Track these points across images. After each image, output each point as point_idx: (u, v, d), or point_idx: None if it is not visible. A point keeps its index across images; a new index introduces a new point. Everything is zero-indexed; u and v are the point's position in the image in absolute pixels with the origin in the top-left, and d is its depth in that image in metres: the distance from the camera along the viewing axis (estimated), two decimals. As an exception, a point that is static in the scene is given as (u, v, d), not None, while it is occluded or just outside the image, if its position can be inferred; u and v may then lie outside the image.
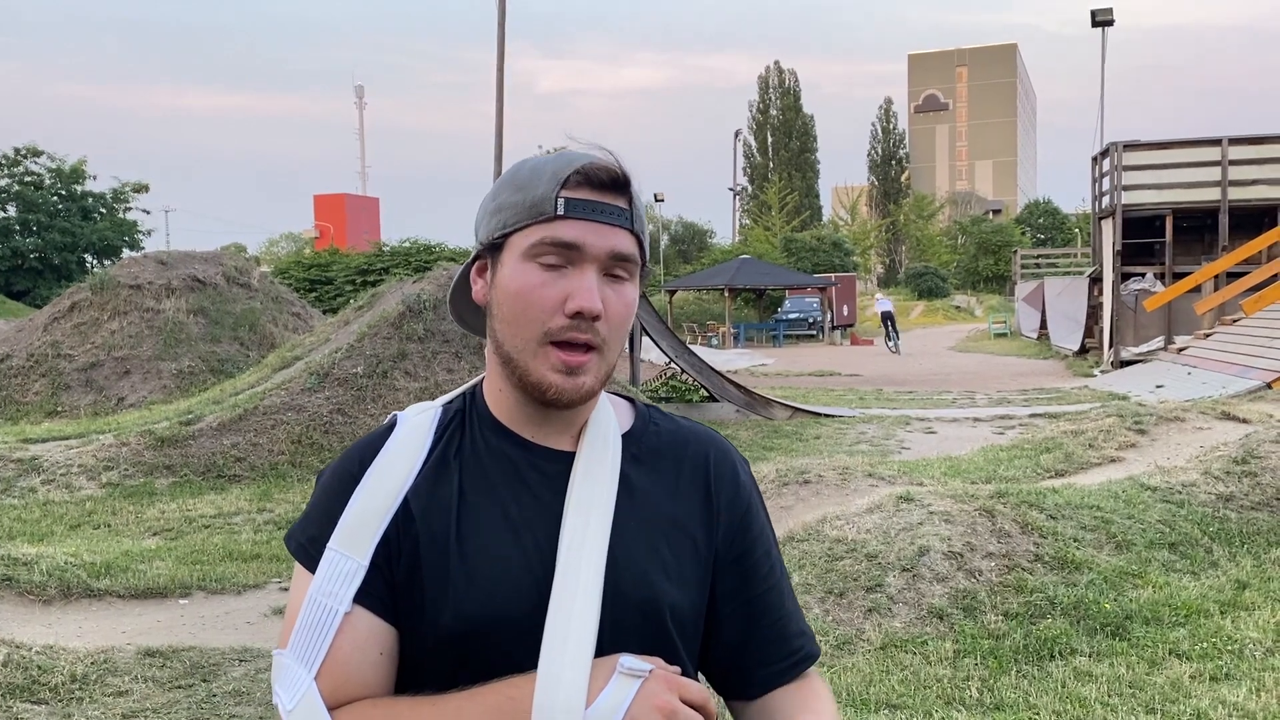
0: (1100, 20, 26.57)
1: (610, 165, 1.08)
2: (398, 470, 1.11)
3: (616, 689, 1.00)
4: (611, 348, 1.09)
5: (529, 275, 1.07)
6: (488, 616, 1.05)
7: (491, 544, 1.07)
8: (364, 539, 1.07)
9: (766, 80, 79.85)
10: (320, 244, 43.94)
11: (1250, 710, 3.77)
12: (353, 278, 32.50)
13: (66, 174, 33.22)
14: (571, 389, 1.07)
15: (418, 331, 10.44)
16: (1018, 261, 42.58)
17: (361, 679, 1.06)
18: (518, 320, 1.08)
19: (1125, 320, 20.34)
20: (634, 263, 1.10)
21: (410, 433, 1.14)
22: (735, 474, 1.20)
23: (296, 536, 1.14)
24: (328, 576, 1.07)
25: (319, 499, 1.14)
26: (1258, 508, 6.12)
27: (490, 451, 1.12)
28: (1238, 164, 20.37)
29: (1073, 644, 4.42)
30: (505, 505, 1.10)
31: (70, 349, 14.42)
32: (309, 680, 1.05)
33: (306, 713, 1.04)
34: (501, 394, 1.14)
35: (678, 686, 1.01)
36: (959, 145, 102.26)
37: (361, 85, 69.64)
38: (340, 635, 1.05)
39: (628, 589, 1.07)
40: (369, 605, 1.06)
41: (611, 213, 1.08)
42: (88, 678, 4.27)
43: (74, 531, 7.24)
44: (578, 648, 1.02)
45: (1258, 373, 13.29)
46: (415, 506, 1.09)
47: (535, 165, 1.10)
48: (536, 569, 1.06)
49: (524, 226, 1.07)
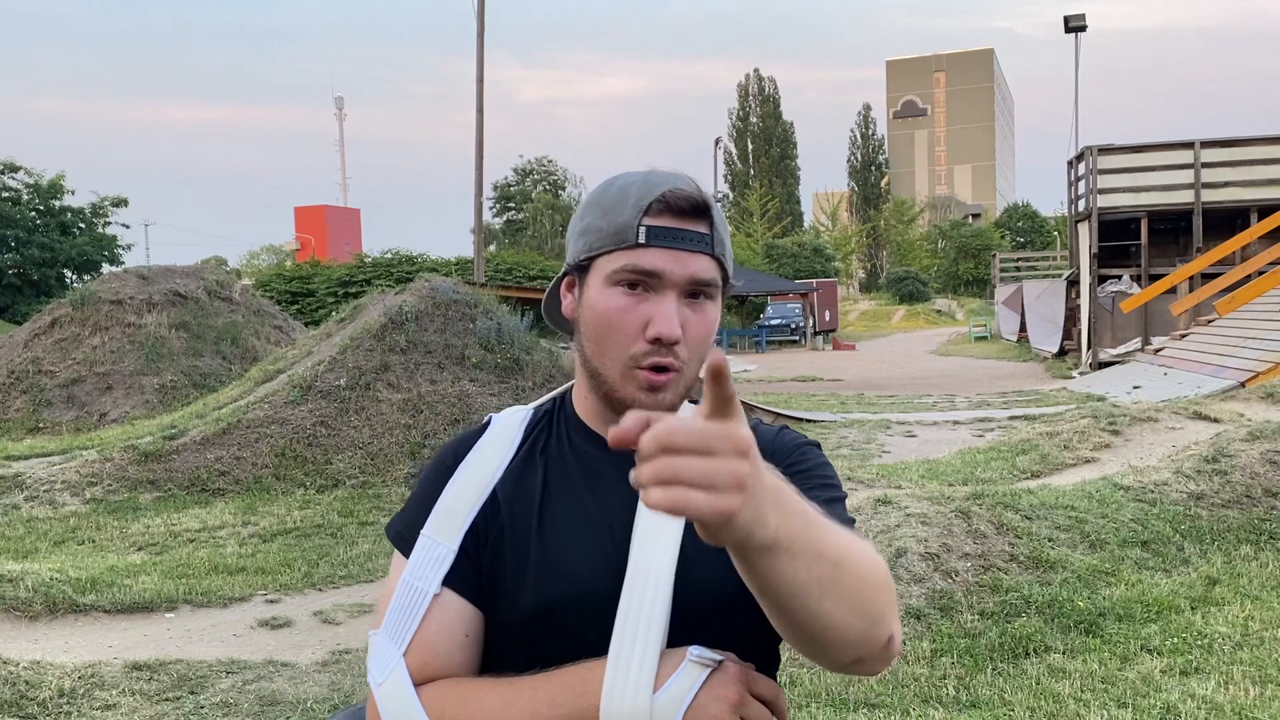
0: (1073, 26, 26.88)
1: (691, 193, 1.13)
2: (488, 464, 1.19)
3: (684, 677, 1.03)
4: (691, 366, 1.14)
5: (612, 299, 1.13)
6: (564, 599, 1.11)
7: (570, 533, 1.14)
8: (454, 526, 1.15)
9: (746, 88, 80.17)
10: (301, 256, 43.87)
11: (1219, 703, 3.87)
12: (334, 289, 32.45)
13: (44, 189, 33.06)
14: (652, 405, 1.12)
15: (400, 343, 10.47)
16: (997, 265, 42.87)
17: (447, 658, 1.12)
18: (603, 342, 1.14)
19: (1103, 322, 20.55)
20: (714, 285, 1.15)
21: (501, 430, 1.23)
22: (795, 446, 1.23)
23: (395, 525, 1.21)
24: (420, 560, 1.14)
25: (417, 490, 1.22)
26: (1228, 505, 6.23)
27: (574, 450, 1.20)
28: (1210, 166, 20.64)
29: (1047, 641, 4.51)
30: (584, 499, 1.16)
31: (51, 365, 14.37)
32: (398, 656, 1.11)
33: (394, 687, 1.10)
34: (587, 399, 1.21)
35: (747, 679, 1.05)
36: (938, 150, 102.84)
37: (341, 96, 69.72)
38: (429, 616, 1.12)
39: (700, 579, 1.10)
40: (457, 588, 1.13)
41: (692, 239, 1.12)
42: (75, 692, 4.31)
43: (58, 548, 7.24)
44: (648, 635, 1.05)
45: (1232, 372, 13.47)
46: (502, 497, 1.17)
47: (622, 188, 1.15)
48: (612, 558, 1.11)
49: (608, 251, 1.13)
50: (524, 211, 60.20)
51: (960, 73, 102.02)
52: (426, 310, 10.88)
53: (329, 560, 6.63)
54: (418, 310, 10.82)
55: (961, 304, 51.36)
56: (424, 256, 37.42)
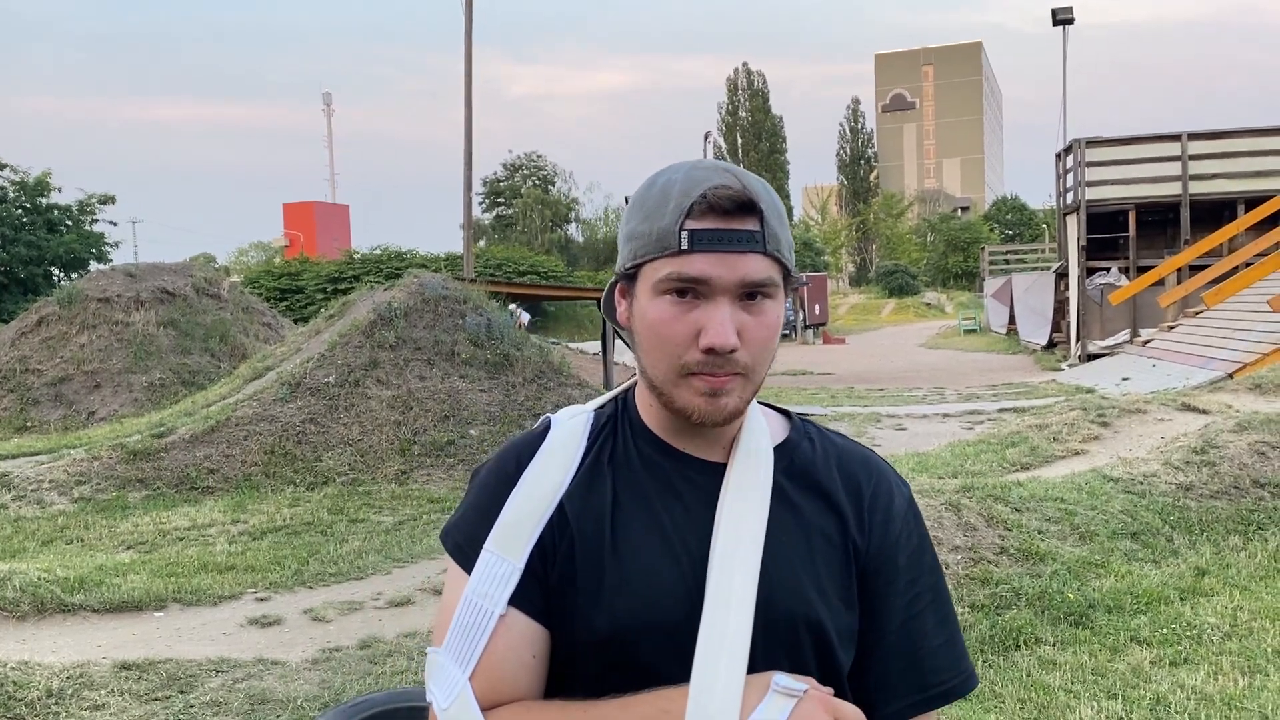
0: (1061, 19, 26.93)
1: (734, 190, 1.05)
2: (553, 474, 1.12)
3: (770, 707, 0.99)
4: (756, 370, 1.09)
5: (661, 309, 1.07)
6: (640, 622, 1.06)
7: (644, 551, 1.08)
8: (520, 542, 1.09)
9: (735, 82, 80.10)
10: (290, 253, 43.71)
11: (1208, 693, 3.88)
12: (323, 286, 32.38)
13: (31, 186, 32.84)
14: (714, 411, 1.08)
15: (389, 340, 10.45)
16: (986, 258, 42.96)
17: (514, 681, 1.07)
18: (655, 352, 1.08)
19: (1091, 314, 20.61)
20: (771, 284, 1.07)
21: (566, 436, 1.15)
22: (891, 498, 1.18)
23: (453, 535, 1.15)
24: (484, 578, 1.09)
25: (476, 498, 1.15)
26: (1216, 496, 6.26)
27: (643, 459, 1.14)
28: (1198, 158, 20.68)
29: (1037, 633, 4.52)
30: (657, 514, 1.10)
31: (39, 364, 14.31)
32: (464, 680, 1.06)
33: (460, 711, 1.06)
34: (652, 407, 1.15)
35: (833, 709, 1.01)
36: (926, 144, 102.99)
37: (329, 92, 69.31)
38: (495, 637, 1.07)
39: (780, 604, 1.07)
40: (523, 608, 1.08)
41: (739, 239, 1.05)
42: (63, 692, 4.28)
43: (46, 547, 7.21)
44: (730, 662, 1.01)
45: (1220, 364, 13.52)
46: (570, 510, 1.10)
47: (663, 187, 1.09)
48: (689, 579, 1.06)
49: (653, 259, 1.07)
50: (513, 207, 60.08)
51: (949, 66, 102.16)
52: (416, 306, 10.86)
53: (319, 558, 6.61)
54: (407, 306, 10.79)
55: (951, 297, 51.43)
56: (413, 252, 37.37)
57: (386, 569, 6.37)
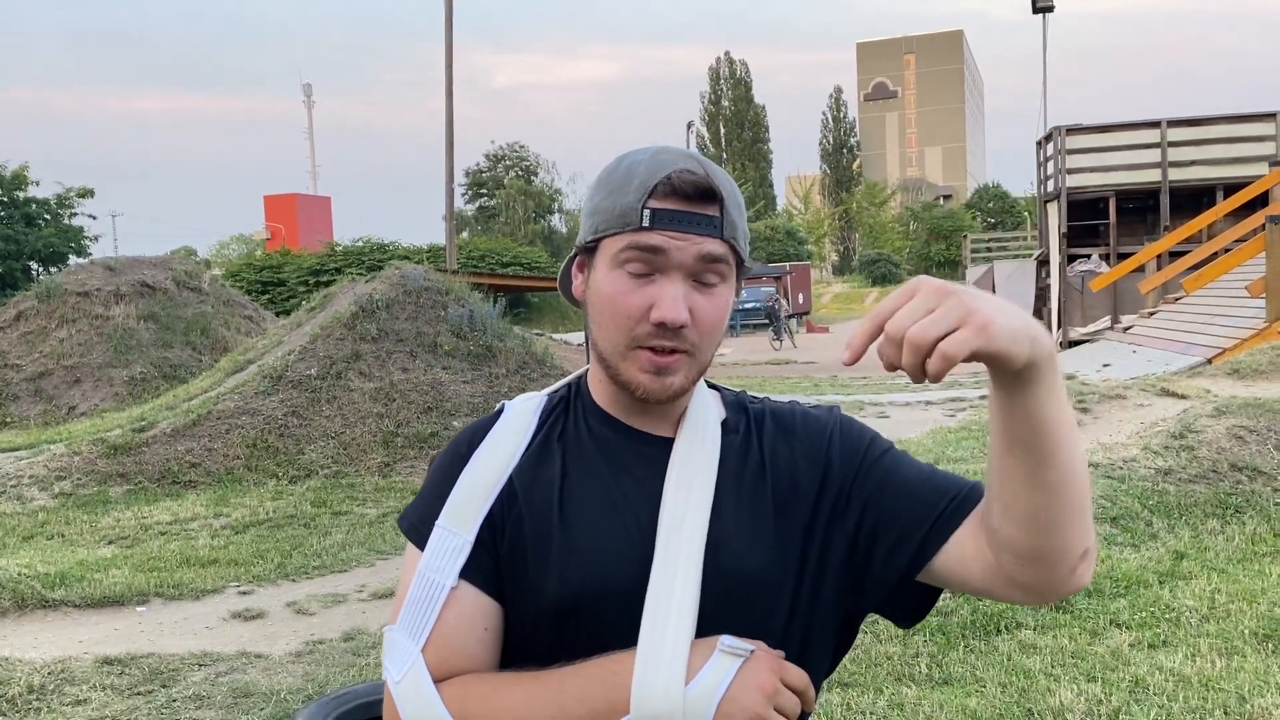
0: (1041, 7, 26.99)
1: (698, 176, 1.08)
2: (503, 451, 1.15)
3: (716, 667, 1.01)
4: (703, 350, 1.11)
5: (618, 282, 1.09)
6: (589, 589, 1.07)
7: (593, 519, 1.10)
8: (470, 516, 1.11)
9: (717, 71, 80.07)
10: (272, 245, 43.50)
11: (1185, 675, 3.92)
12: (305, 278, 32.25)
13: (8, 180, 32.53)
14: (660, 389, 1.09)
15: (371, 331, 10.41)
16: (968, 246, 43.07)
17: (467, 652, 1.08)
18: (608, 324, 1.10)
19: (1072, 301, 20.72)
20: (725, 264, 1.10)
21: (515, 417, 1.18)
22: (823, 426, 1.20)
23: (409, 517, 1.17)
24: (435, 552, 1.10)
25: (430, 480, 1.18)
26: (1195, 480, 6.31)
27: (593, 435, 1.16)
28: (1176, 145, 20.79)
29: (1018, 618, 4.56)
30: (606, 484, 1.12)
31: (18, 359, 14.20)
32: (415, 652, 1.07)
33: (413, 684, 1.06)
34: (603, 384, 1.17)
35: (779, 669, 1.03)
36: (909, 132, 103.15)
37: (309, 84, 68.98)
38: (446, 609, 1.08)
39: (728, 568, 1.08)
40: (475, 580, 1.09)
41: (699, 222, 1.08)
42: (45, 688, 4.27)
43: (27, 543, 7.16)
44: (678, 625, 1.03)
45: (1199, 349, 13.62)
46: (519, 484, 1.12)
47: (629, 167, 1.11)
48: (638, 545, 1.08)
49: (614, 234, 1.09)
50: (496, 198, 59.94)
51: (930, 55, 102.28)
52: (397, 298, 10.82)
53: (302, 551, 6.59)
54: (389, 298, 10.75)
55: (934, 285, 51.56)
56: (396, 244, 37.25)
57: (370, 561, 6.36)
